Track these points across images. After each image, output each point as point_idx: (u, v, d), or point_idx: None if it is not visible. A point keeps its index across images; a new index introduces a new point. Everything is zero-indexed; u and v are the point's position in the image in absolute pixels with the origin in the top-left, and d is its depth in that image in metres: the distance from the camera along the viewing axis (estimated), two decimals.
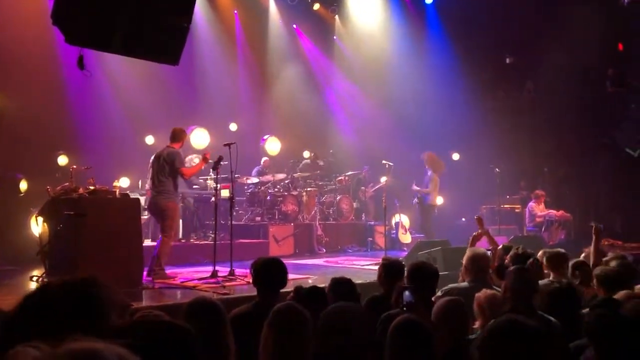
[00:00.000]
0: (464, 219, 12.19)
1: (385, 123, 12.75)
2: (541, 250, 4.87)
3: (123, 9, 4.88)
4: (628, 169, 11.66)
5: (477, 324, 3.21)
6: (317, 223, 10.59)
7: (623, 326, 2.44)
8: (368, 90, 13.13)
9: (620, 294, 3.30)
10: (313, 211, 10.79)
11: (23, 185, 8.69)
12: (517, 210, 11.95)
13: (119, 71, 9.70)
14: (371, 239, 11.09)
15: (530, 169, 12.82)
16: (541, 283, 3.79)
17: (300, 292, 3.30)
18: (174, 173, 6.64)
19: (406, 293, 3.26)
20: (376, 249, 10.67)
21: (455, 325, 2.82)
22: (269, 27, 12.97)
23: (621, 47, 11.81)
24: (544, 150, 12.25)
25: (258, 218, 10.27)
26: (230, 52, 12.30)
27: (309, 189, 11.05)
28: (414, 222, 11.61)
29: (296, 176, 11.08)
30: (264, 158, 11.35)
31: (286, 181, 10.82)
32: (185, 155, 9.02)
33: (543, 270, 4.41)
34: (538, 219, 10.85)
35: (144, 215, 7.89)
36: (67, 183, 6.41)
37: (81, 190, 6.00)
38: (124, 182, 9.38)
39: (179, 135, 6.91)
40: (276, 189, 10.63)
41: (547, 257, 4.47)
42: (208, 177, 9.80)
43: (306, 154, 12.48)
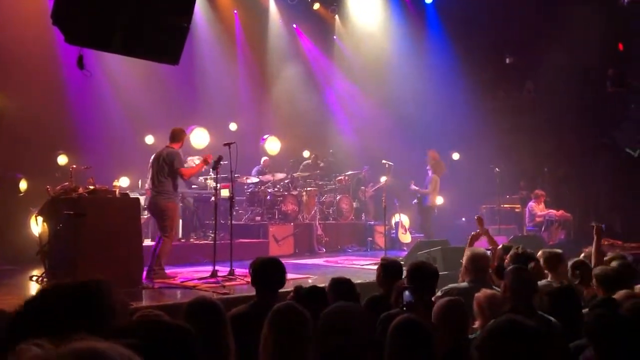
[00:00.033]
0: (464, 219, 12.19)
1: (385, 123, 12.75)
2: (540, 250, 4.87)
3: (123, 9, 4.87)
4: (628, 169, 11.66)
5: (477, 324, 3.21)
6: (317, 223, 10.59)
7: (622, 326, 2.44)
8: (368, 90, 13.12)
9: (619, 294, 3.30)
10: (313, 211, 10.79)
11: (23, 184, 8.70)
12: (517, 210, 11.95)
13: (119, 71, 9.70)
14: (371, 239, 11.10)
15: (530, 169, 12.81)
16: (540, 284, 3.79)
17: (300, 292, 3.29)
18: (174, 173, 6.63)
19: (406, 293, 3.27)
20: (376, 249, 10.67)
21: (455, 325, 2.82)
22: (269, 27, 12.97)
23: (621, 47, 11.81)
24: (544, 150, 12.24)
25: (258, 218, 10.26)
26: (230, 52, 12.30)
27: (309, 189, 11.05)
28: (414, 222, 11.61)
29: (296, 176, 11.07)
30: (264, 158, 11.34)
31: (286, 181, 10.81)
32: (186, 156, 9.02)
33: (543, 271, 4.41)
34: (538, 219, 10.84)
35: (144, 214, 7.88)
36: (67, 183, 6.40)
37: (81, 189, 5.99)
38: (124, 182, 9.38)
39: (179, 135, 6.90)
40: (276, 189, 10.63)
41: (545, 258, 4.47)
42: (208, 177, 9.79)
43: (306, 154, 12.48)
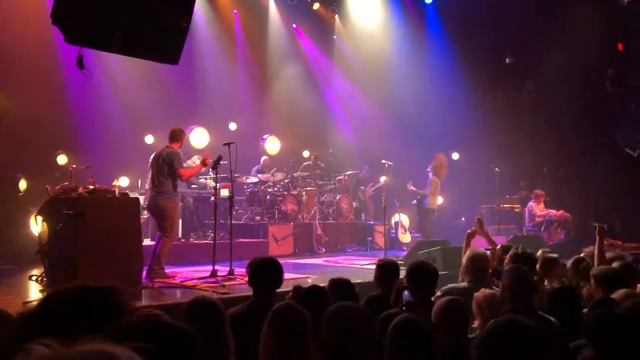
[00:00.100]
0: (464, 219, 12.19)
1: (385, 123, 12.75)
2: (540, 250, 4.87)
3: (123, 9, 4.88)
4: (628, 169, 11.66)
5: (476, 324, 3.21)
6: (317, 222, 10.58)
7: (621, 325, 2.43)
8: (368, 90, 13.12)
9: (618, 293, 3.30)
10: (313, 211, 10.78)
11: (22, 184, 8.70)
12: (517, 210, 11.94)
13: (119, 71, 9.70)
14: (371, 239, 11.10)
15: (530, 169, 12.81)
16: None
17: (299, 292, 3.29)
18: (173, 173, 6.63)
19: (405, 293, 3.27)
20: (376, 249, 10.68)
21: (455, 325, 2.81)
22: (269, 27, 12.97)
23: (621, 47, 11.82)
24: (544, 150, 12.24)
25: (257, 217, 10.26)
26: (230, 52, 12.30)
27: (309, 189, 11.05)
28: (414, 222, 11.61)
29: (296, 175, 11.07)
30: (264, 157, 11.34)
31: (286, 180, 10.81)
32: (187, 155, 9.02)
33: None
34: (537, 219, 10.83)
35: (144, 214, 7.88)
36: (67, 182, 6.39)
37: (80, 189, 5.98)
38: (124, 182, 9.38)
39: (178, 135, 6.90)
40: (276, 189, 10.62)
41: (540, 264, 4.46)
42: (207, 177, 9.79)
43: (306, 154, 12.48)
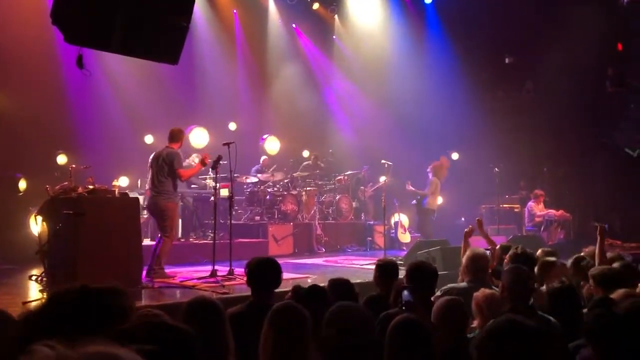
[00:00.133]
0: (464, 219, 12.19)
1: (384, 123, 12.75)
2: (540, 249, 4.87)
3: (123, 9, 4.88)
4: (627, 169, 11.67)
5: (476, 324, 3.21)
6: (317, 222, 10.58)
7: (620, 325, 2.43)
8: (368, 89, 13.12)
9: (617, 293, 3.30)
10: (312, 211, 10.78)
11: (22, 184, 8.70)
12: (517, 210, 11.94)
13: (119, 71, 9.70)
14: (370, 239, 11.10)
15: (529, 169, 12.82)
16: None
17: (299, 292, 3.29)
18: (173, 174, 6.63)
19: (405, 292, 3.27)
20: (375, 249, 10.68)
21: (454, 325, 2.81)
22: (269, 27, 12.98)
23: (621, 47, 11.82)
24: (544, 150, 12.25)
25: (257, 217, 10.26)
26: (229, 52, 12.30)
27: (308, 189, 11.04)
28: (413, 222, 11.61)
29: (295, 175, 11.07)
30: (263, 157, 11.34)
31: (285, 180, 10.80)
32: (187, 155, 9.02)
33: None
34: (537, 219, 10.84)
35: (143, 214, 7.88)
36: (66, 182, 6.39)
37: (80, 189, 5.98)
38: (123, 182, 9.38)
39: (177, 135, 6.90)
40: (275, 189, 10.62)
41: (538, 266, 4.45)
42: (207, 177, 9.79)
43: (306, 154, 12.48)
